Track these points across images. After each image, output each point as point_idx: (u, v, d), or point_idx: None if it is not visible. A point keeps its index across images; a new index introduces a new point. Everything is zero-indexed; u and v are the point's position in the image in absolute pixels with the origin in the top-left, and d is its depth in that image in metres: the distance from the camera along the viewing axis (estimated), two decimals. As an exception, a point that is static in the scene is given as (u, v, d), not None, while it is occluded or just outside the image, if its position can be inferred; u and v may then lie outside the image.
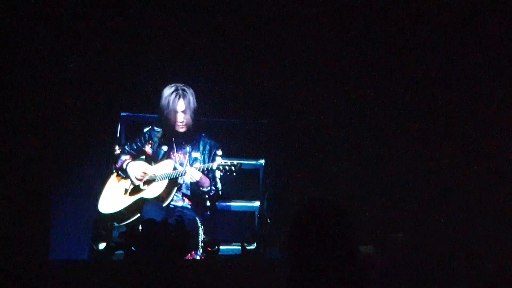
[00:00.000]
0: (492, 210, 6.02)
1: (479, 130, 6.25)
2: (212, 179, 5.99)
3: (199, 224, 5.89)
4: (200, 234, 5.87)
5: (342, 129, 6.59)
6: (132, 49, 6.36)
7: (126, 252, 4.54)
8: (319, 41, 6.53)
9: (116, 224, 6.04)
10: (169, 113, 5.96)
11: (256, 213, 6.57)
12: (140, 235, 4.53)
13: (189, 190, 6.04)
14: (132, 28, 6.31)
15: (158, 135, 6.16)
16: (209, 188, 5.97)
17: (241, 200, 6.69)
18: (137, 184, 6.03)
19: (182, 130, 6.02)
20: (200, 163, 6.00)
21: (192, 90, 6.01)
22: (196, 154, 6.09)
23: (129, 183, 6.07)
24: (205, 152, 6.09)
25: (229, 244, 6.06)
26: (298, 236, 2.31)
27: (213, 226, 6.11)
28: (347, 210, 2.33)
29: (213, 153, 6.04)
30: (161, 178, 5.92)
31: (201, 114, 6.11)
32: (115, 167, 6.19)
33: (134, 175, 6.03)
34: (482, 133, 6.23)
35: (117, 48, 6.30)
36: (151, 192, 5.91)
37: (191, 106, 5.96)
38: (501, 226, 5.84)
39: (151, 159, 6.15)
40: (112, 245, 4.84)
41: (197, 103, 6.00)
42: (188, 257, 5.69)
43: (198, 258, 5.71)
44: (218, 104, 6.66)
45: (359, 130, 6.54)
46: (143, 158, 6.23)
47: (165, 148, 6.12)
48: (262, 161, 6.82)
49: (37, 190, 5.78)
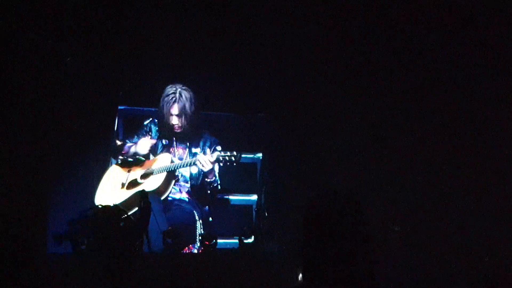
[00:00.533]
0: (492, 210, 6.02)
1: (479, 130, 6.25)
2: (213, 171, 5.99)
3: (197, 218, 5.89)
4: (198, 228, 5.87)
5: (340, 123, 6.59)
6: (130, 43, 6.36)
7: (73, 242, 4.23)
8: (317, 35, 6.53)
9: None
10: (165, 115, 6.01)
11: (254, 207, 6.58)
12: (89, 223, 4.21)
13: (189, 183, 6.04)
14: (130, 22, 6.31)
15: (158, 128, 6.16)
16: (214, 179, 5.97)
17: (239, 194, 6.69)
18: (144, 154, 6.02)
19: (178, 131, 6.04)
20: None
21: (192, 93, 5.99)
22: (196, 150, 6.11)
23: (126, 177, 6.07)
24: (205, 148, 6.08)
25: (227, 238, 6.07)
26: (312, 225, 2.29)
27: (211, 221, 6.10)
28: (360, 199, 2.31)
29: (213, 148, 6.03)
30: (159, 171, 5.91)
31: (200, 108, 6.10)
32: (122, 155, 6.16)
33: (143, 148, 6.04)
34: (482, 133, 6.24)
35: (115, 42, 6.31)
36: (149, 185, 5.91)
37: (186, 111, 5.96)
38: (501, 226, 5.85)
39: (150, 151, 6.15)
40: (60, 234, 4.52)
41: (195, 107, 5.99)
42: (186, 251, 5.71)
43: (196, 252, 5.72)
44: (216, 98, 6.66)
45: (357, 124, 6.54)
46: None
47: (165, 142, 6.12)
48: (260, 155, 6.81)
49: (35, 185, 5.79)
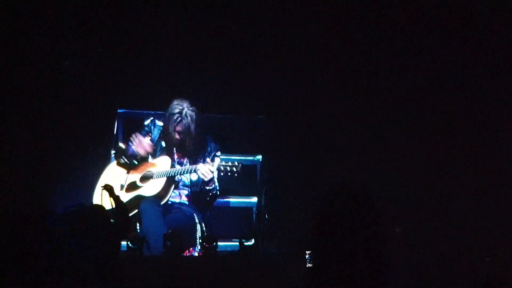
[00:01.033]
0: (492, 210, 6.02)
1: (480, 130, 6.24)
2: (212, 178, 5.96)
3: (197, 221, 5.88)
4: (198, 231, 5.85)
5: (340, 124, 6.58)
6: (129, 46, 6.35)
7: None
8: (317, 37, 6.53)
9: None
10: (169, 130, 5.97)
11: (254, 209, 6.57)
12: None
13: (188, 189, 6.03)
14: (129, 25, 6.30)
15: (158, 129, 6.14)
16: (213, 187, 5.95)
17: (239, 196, 6.68)
18: (143, 154, 6.01)
19: (184, 146, 6.00)
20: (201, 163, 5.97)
21: (197, 114, 5.95)
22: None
23: (125, 179, 6.05)
24: (206, 154, 6.05)
25: (227, 240, 6.06)
26: (326, 220, 2.27)
27: (211, 224, 6.09)
28: (377, 196, 2.29)
29: (213, 154, 6.01)
30: (159, 176, 5.90)
31: (199, 111, 6.09)
32: (126, 156, 6.12)
33: (143, 149, 6.01)
34: (483, 133, 6.23)
35: (114, 45, 6.30)
36: (149, 190, 5.88)
37: (190, 132, 5.91)
38: (501, 226, 5.84)
39: (150, 153, 6.12)
40: None
41: (201, 127, 5.97)
42: (186, 254, 5.70)
43: (196, 255, 5.71)
44: (216, 100, 6.65)
45: (357, 125, 6.54)
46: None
47: (164, 144, 6.10)
48: (260, 157, 6.81)
49: (34, 186, 5.79)
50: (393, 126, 6.49)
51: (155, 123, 6.14)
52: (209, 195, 6.00)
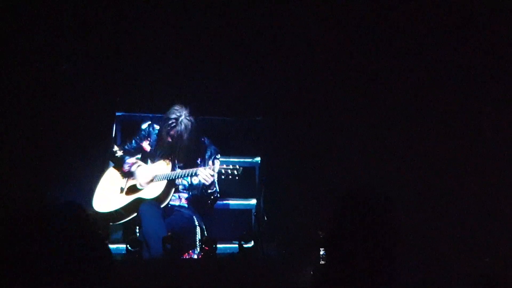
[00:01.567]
0: (493, 210, 6.02)
1: (480, 130, 6.24)
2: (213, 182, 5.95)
3: (196, 223, 5.88)
4: (198, 233, 5.85)
5: (338, 126, 6.58)
6: (127, 48, 6.34)
7: None
8: (315, 38, 6.52)
9: (112, 224, 6.01)
10: (164, 135, 5.96)
11: (253, 211, 6.57)
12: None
13: (187, 192, 6.02)
14: (127, 27, 6.29)
15: (156, 133, 6.13)
16: (214, 190, 5.94)
17: (238, 198, 6.68)
18: (140, 187, 6.01)
19: (177, 151, 5.97)
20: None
21: (194, 124, 5.92)
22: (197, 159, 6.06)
23: (125, 182, 6.04)
24: (206, 157, 6.03)
25: (226, 243, 6.06)
26: (342, 220, 2.27)
27: (211, 226, 6.08)
28: (394, 201, 2.29)
29: (213, 158, 6.00)
30: (160, 179, 5.89)
31: (197, 113, 6.08)
32: (122, 171, 6.13)
33: (143, 181, 6.00)
34: (483, 133, 6.23)
35: (112, 48, 6.29)
36: (149, 193, 5.88)
37: (183, 140, 5.89)
38: (501, 226, 5.84)
39: (148, 157, 6.11)
40: None
41: (195, 136, 5.95)
42: (186, 256, 5.70)
43: (196, 257, 5.71)
44: (213, 102, 6.64)
45: (356, 126, 6.53)
46: (139, 157, 6.20)
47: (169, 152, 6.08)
48: (258, 159, 6.81)
49: (33, 190, 5.78)
50: (392, 126, 6.48)
51: (153, 127, 6.13)
52: (211, 198, 5.99)
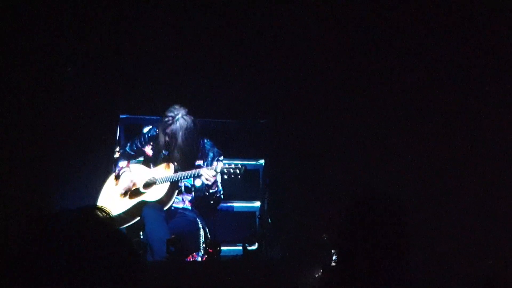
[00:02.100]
0: (493, 210, 6.00)
1: (480, 130, 6.23)
2: (215, 182, 5.93)
3: (200, 226, 5.87)
4: (201, 235, 5.84)
5: (342, 127, 6.56)
6: (130, 51, 6.34)
7: None
8: (318, 39, 6.51)
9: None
10: (161, 132, 5.96)
11: (257, 213, 6.56)
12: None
13: (191, 194, 6.01)
14: (132, 30, 6.29)
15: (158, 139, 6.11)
16: (216, 190, 5.94)
17: (242, 201, 6.67)
18: (122, 192, 6.01)
19: (174, 151, 5.96)
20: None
21: (191, 124, 5.89)
22: (199, 162, 6.04)
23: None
24: (208, 160, 6.03)
25: (231, 245, 6.05)
26: (352, 226, 2.26)
27: (215, 228, 6.07)
28: (405, 206, 2.29)
29: (216, 160, 5.98)
30: (162, 181, 5.88)
31: (200, 116, 6.07)
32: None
33: (125, 186, 6.01)
34: (483, 133, 6.21)
35: (115, 50, 6.29)
36: (152, 196, 5.87)
37: (178, 140, 5.86)
38: (502, 226, 5.83)
39: (150, 161, 6.10)
40: None
41: (191, 137, 5.91)
42: (190, 259, 5.69)
43: (200, 260, 5.70)
44: (217, 105, 6.64)
45: (360, 128, 6.51)
46: (141, 160, 6.20)
47: (166, 152, 6.07)
48: (262, 161, 6.80)
49: (37, 194, 5.78)
50: (395, 127, 6.47)
51: (155, 131, 6.11)
52: (213, 199, 5.98)
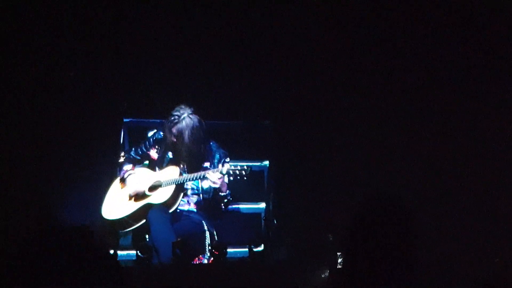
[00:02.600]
0: (493, 211, 5.99)
1: (480, 130, 6.21)
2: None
3: (206, 228, 5.86)
4: (207, 238, 5.84)
5: (347, 128, 6.56)
6: (133, 54, 6.34)
7: None
8: (322, 40, 6.50)
9: (121, 231, 6.01)
10: (167, 133, 5.94)
11: (262, 215, 6.55)
12: None
13: (196, 196, 6.00)
14: (133, 33, 6.30)
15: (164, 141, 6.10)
16: (227, 193, 5.92)
17: (247, 202, 6.66)
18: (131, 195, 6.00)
19: (181, 152, 5.96)
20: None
21: (197, 123, 5.88)
22: (206, 164, 6.01)
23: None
24: (215, 162, 6.00)
25: (236, 247, 6.05)
26: (358, 227, 2.26)
27: (220, 230, 6.07)
28: (413, 210, 2.29)
29: (222, 161, 5.97)
30: (168, 184, 5.88)
31: (205, 117, 6.06)
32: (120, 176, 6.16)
33: (129, 188, 6.00)
34: (484, 133, 6.19)
35: (118, 53, 6.29)
36: (158, 198, 5.86)
37: (185, 138, 5.85)
38: (502, 226, 5.81)
39: (156, 165, 6.09)
40: None
41: (197, 136, 5.89)
42: (196, 261, 5.69)
43: (206, 262, 5.70)
44: (221, 106, 6.64)
45: (365, 129, 6.50)
46: (147, 164, 6.19)
47: (171, 155, 6.07)
48: (267, 163, 6.80)
49: (40, 199, 5.79)
50: (398, 127, 6.45)
51: (160, 134, 6.10)
52: (224, 202, 5.98)
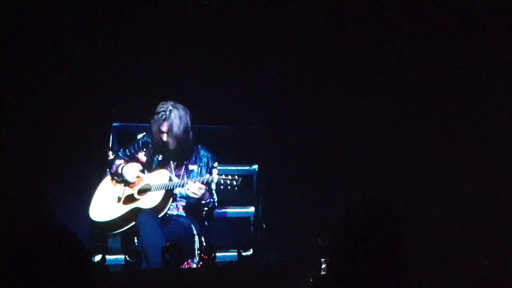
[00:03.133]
0: (493, 210, 6.02)
1: (480, 130, 6.24)
2: (209, 191, 5.92)
3: (195, 232, 5.87)
4: (196, 242, 5.84)
5: (335, 132, 6.58)
6: (123, 58, 6.34)
7: None
8: (313, 44, 6.51)
9: (109, 233, 6.00)
10: (155, 132, 5.91)
11: (251, 219, 6.56)
12: None
13: (185, 200, 6.00)
14: (123, 37, 6.30)
15: (152, 145, 6.10)
16: (208, 201, 5.91)
17: (236, 206, 6.67)
18: (132, 182, 5.99)
19: (171, 148, 5.96)
20: (198, 176, 5.96)
21: (183, 111, 5.87)
22: (193, 167, 6.02)
23: (122, 191, 6.03)
24: (202, 165, 6.01)
25: (225, 251, 6.05)
26: (347, 234, 2.27)
27: (209, 235, 6.07)
28: (402, 214, 2.30)
29: (210, 166, 5.98)
30: (157, 188, 5.87)
31: (194, 122, 6.06)
32: (110, 173, 6.14)
33: (130, 175, 5.98)
34: (483, 133, 6.23)
35: (107, 57, 6.29)
36: (147, 203, 5.85)
37: (175, 129, 5.83)
38: (502, 226, 5.84)
39: (145, 167, 6.09)
40: None
41: (184, 125, 5.86)
42: (185, 266, 5.69)
43: (195, 266, 5.70)
44: (210, 110, 6.64)
45: (354, 133, 6.52)
46: None
47: (160, 157, 6.07)
48: (256, 167, 6.81)
49: (29, 201, 5.77)
50: (392, 130, 6.47)
51: (149, 136, 6.10)
52: (206, 209, 5.97)
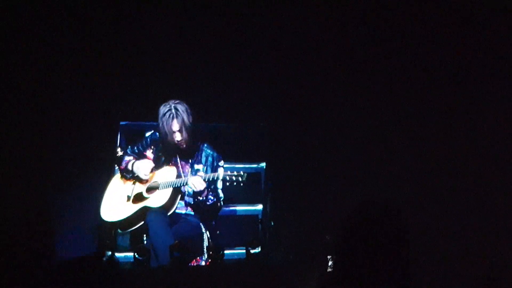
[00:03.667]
0: (492, 210, 6.01)
1: (480, 130, 6.23)
2: (214, 190, 5.92)
3: (203, 230, 5.89)
4: (205, 240, 5.86)
5: (342, 130, 6.58)
6: (130, 57, 6.36)
7: None
8: (318, 41, 6.52)
9: (120, 231, 6.03)
10: (166, 134, 5.88)
11: (259, 217, 6.57)
12: None
13: (192, 199, 6.02)
14: (129, 36, 6.31)
15: (160, 141, 6.12)
16: (206, 198, 5.86)
17: (244, 204, 6.68)
18: (145, 179, 6.00)
19: (184, 147, 5.94)
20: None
21: (186, 106, 5.88)
22: (199, 166, 6.02)
23: (131, 189, 6.06)
24: (208, 164, 6.01)
25: (233, 249, 6.07)
26: (350, 235, 2.29)
27: (218, 233, 6.08)
28: (404, 215, 2.31)
29: (216, 165, 5.98)
30: (165, 186, 5.89)
31: (200, 120, 6.08)
32: (120, 169, 6.16)
33: (143, 173, 6.00)
34: (483, 133, 6.22)
35: (115, 57, 6.31)
36: (156, 201, 5.87)
37: (186, 124, 5.83)
38: (502, 226, 5.84)
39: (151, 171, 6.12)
40: None
41: (192, 118, 5.88)
42: (193, 263, 5.71)
43: (203, 264, 5.72)
44: (217, 109, 6.65)
45: (359, 130, 6.53)
46: None
47: (166, 157, 6.09)
48: (263, 164, 6.81)
49: (38, 202, 5.80)
50: (396, 128, 6.48)
51: (157, 135, 6.11)
52: (207, 205, 5.90)
